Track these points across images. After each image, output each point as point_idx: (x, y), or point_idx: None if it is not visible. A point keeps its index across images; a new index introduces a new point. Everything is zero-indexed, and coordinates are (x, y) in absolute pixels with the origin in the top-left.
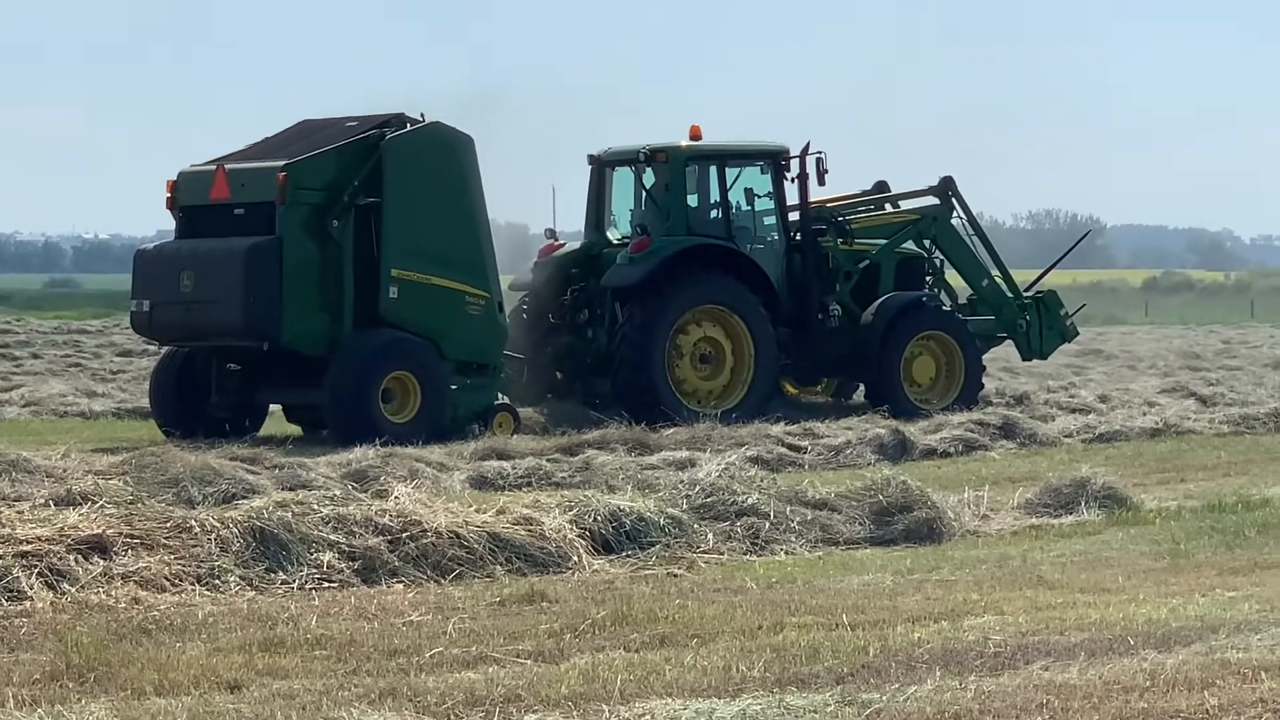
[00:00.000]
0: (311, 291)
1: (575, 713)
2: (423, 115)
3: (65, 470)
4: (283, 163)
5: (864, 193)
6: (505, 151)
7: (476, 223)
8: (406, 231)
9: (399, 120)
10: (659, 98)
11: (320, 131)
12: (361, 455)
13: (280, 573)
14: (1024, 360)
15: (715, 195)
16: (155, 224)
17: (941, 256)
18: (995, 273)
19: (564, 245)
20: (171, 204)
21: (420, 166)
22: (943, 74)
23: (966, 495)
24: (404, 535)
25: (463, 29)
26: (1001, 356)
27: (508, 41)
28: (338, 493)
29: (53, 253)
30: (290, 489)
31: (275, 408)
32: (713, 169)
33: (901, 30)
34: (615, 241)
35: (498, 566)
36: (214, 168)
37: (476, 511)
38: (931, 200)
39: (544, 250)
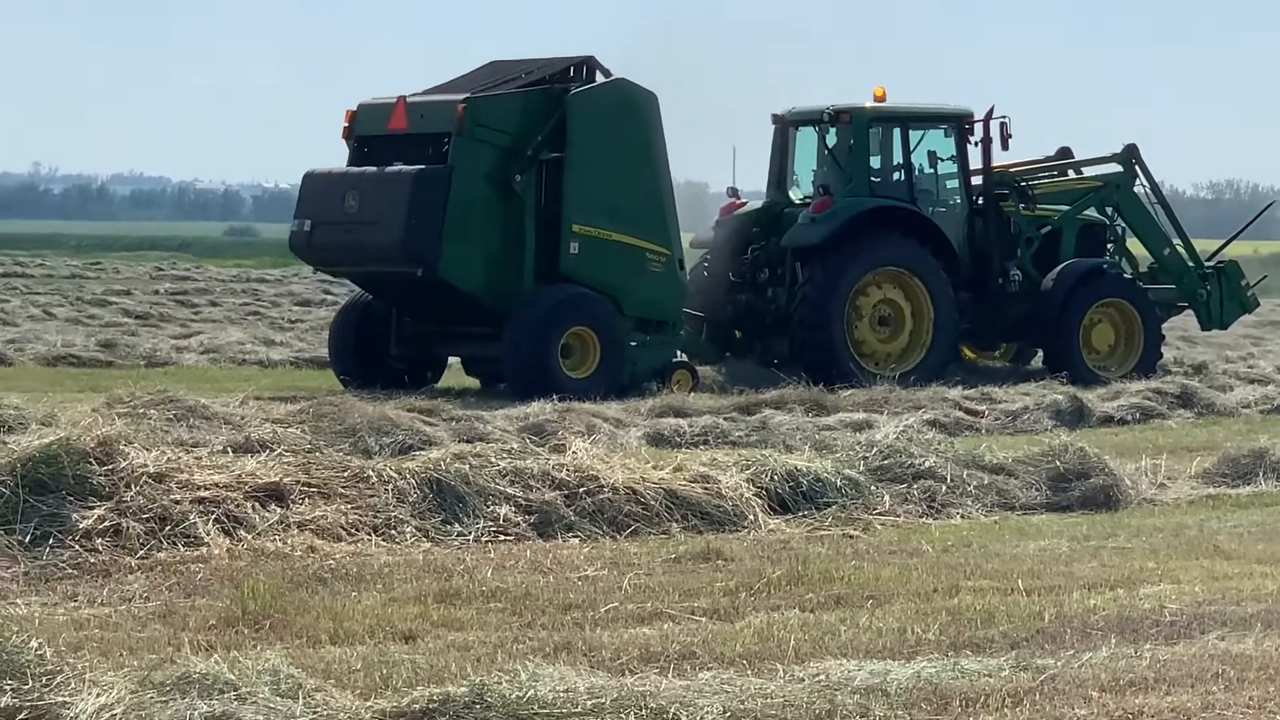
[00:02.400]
0: (477, 230)
1: (750, 671)
2: (606, 72)
3: (243, 418)
4: (463, 96)
5: (1047, 158)
6: (686, 109)
7: (659, 180)
8: (589, 187)
9: (588, 66)
10: (844, 57)
11: (506, 73)
12: (539, 409)
13: (456, 524)
14: (1203, 330)
15: (898, 157)
16: None
17: (1123, 224)
18: (1176, 242)
19: (745, 204)
20: (348, 134)
21: (605, 123)
22: (1128, 41)
23: (1144, 463)
24: (581, 490)
25: None
26: (1180, 326)
27: None
28: (515, 446)
29: (232, 201)
30: (468, 441)
31: (454, 360)
32: (896, 131)
33: None
34: (797, 201)
35: (674, 524)
36: (394, 99)
37: (653, 468)
38: (1114, 168)
39: (725, 209)
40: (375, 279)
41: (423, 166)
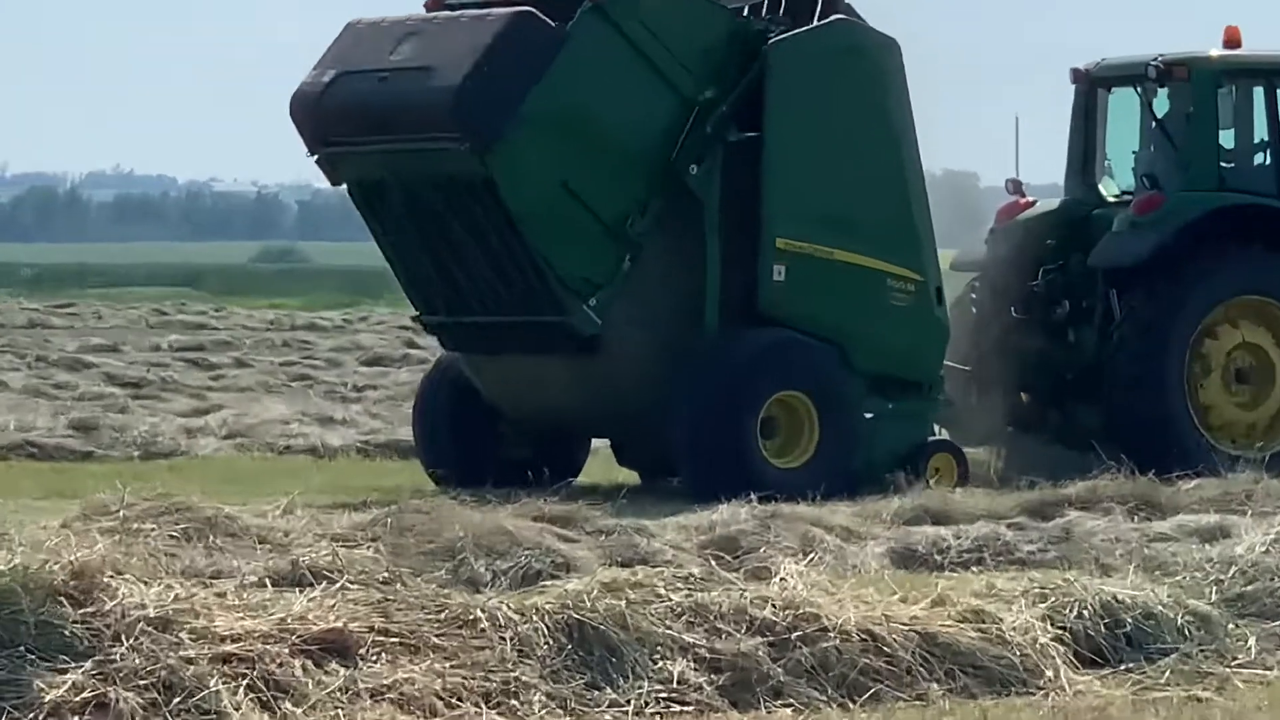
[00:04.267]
0: (575, 146)
1: None
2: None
3: (288, 534)
4: None
5: None
6: (941, 66)
7: (903, 171)
8: (800, 183)
9: None
10: None
11: None
12: (730, 515)
13: (609, 689)
14: None
15: (1263, 131)
16: None
17: None
18: None
19: (1034, 204)
20: (434, 3)
21: (822, 86)
22: None
23: None
24: (793, 635)
25: None
26: None
27: None
28: (695, 571)
29: (269, 209)
30: (624, 565)
31: (600, 442)
32: (1259, 91)
33: None
34: (1111, 199)
35: (934, 684)
36: None
37: (902, 602)
38: None
39: (1004, 211)
40: (402, 174)
41: (525, 11)
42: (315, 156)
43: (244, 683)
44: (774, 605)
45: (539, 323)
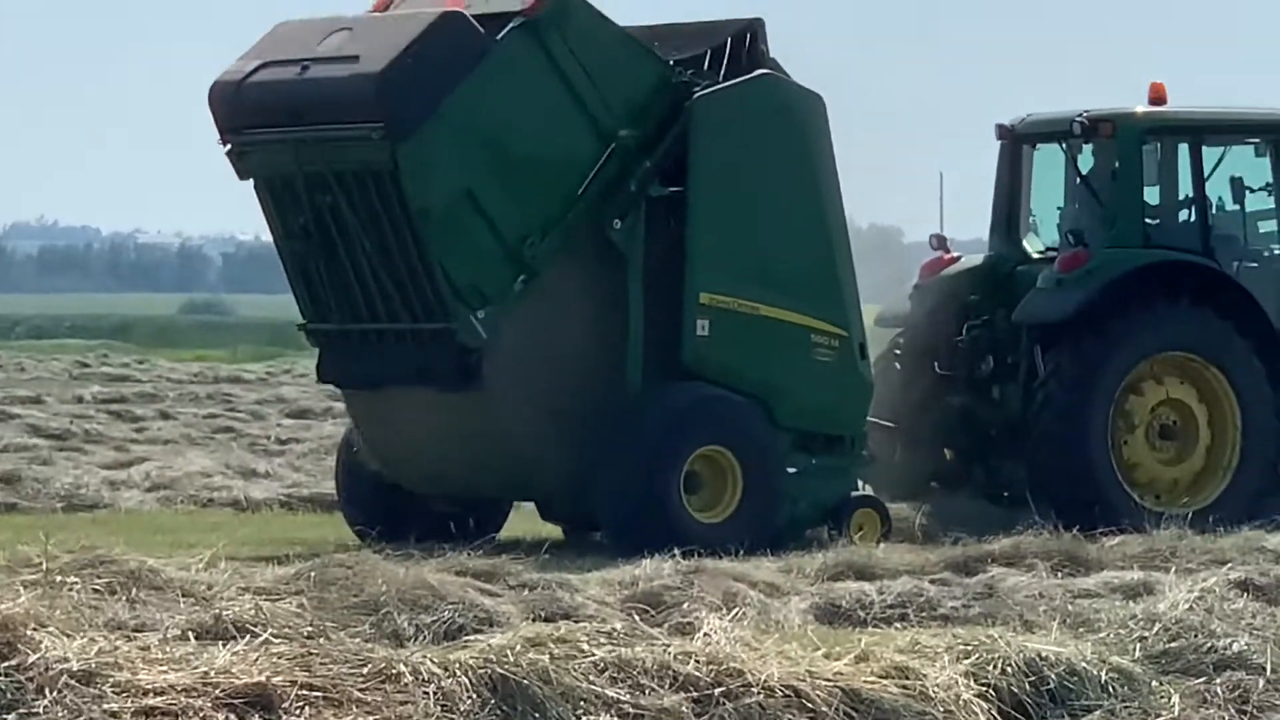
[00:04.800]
0: (491, 164)
1: None
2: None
3: (212, 587)
4: None
5: None
6: (863, 119)
7: (828, 226)
8: (724, 238)
9: (750, 34)
10: (1090, 50)
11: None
12: (654, 570)
13: None
14: None
15: (1187, 188)
16: None
17: None
18: None
19: (958, 259)
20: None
21: (747, 142)
22: None
23: None
24: (717, 691)
25: None
26: None
27: None
28: (619, 626)
29: (193, 261)
30: (547, 620)
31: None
32: (1184, 148)
33: None
34: (1035, 255)
35: None
36: None
37: (825, 658)
38: None
39: (928, 267)
40: (311, 165)
41: (455, 11)
42: (227, 147)
43: None
44: (697, 661)
45: (423, 333)
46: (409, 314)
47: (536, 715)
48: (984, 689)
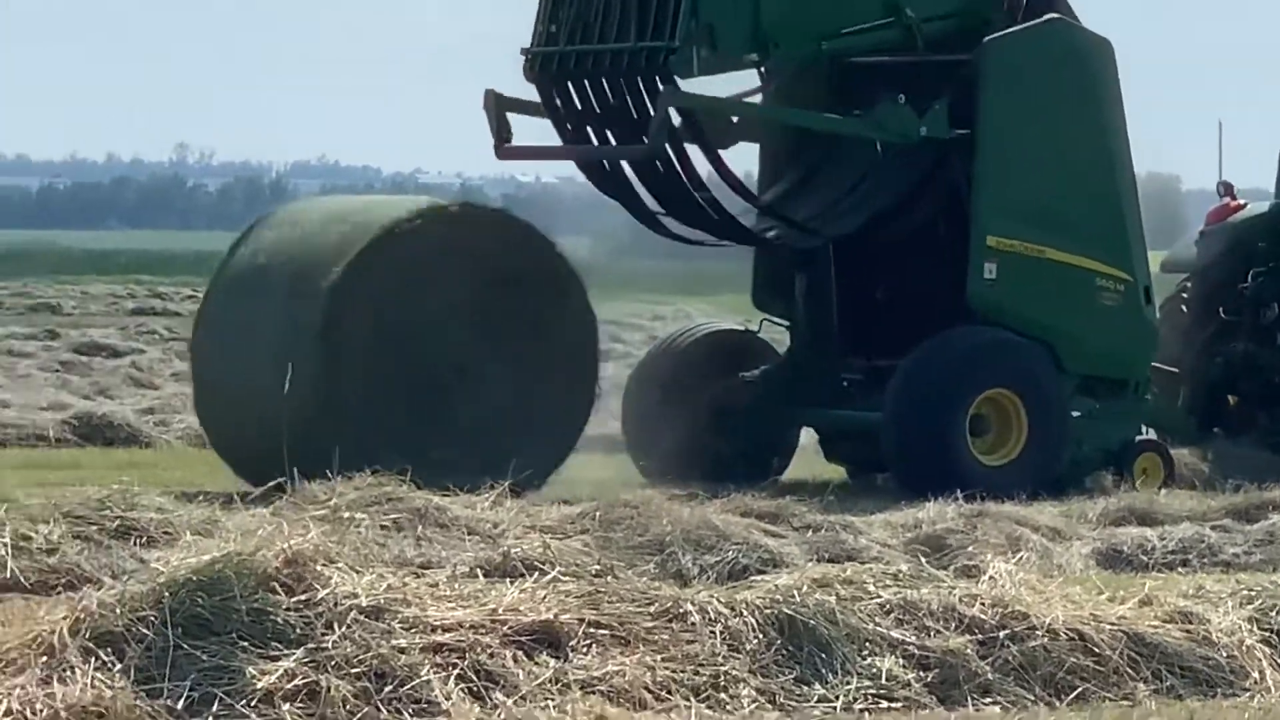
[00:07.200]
0: None
1: None
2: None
3: (498, 525)
4: None
5: None
6: (1145, 67)
7: (1114, 170)
8: (1011, 182)
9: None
10: None
11: None
12: (938, 513)
13: (817, 684)
14: None
15: None
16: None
17: None
18: None
19: (1245, 206)
20: None
21: (1036, 86)
22: None
23: None
24: (1001, 634)
25: None
26: None
27: None
28: (903, 569)
29: (472, 200)
30: (832, 562)
31: (808, 436)
32: None
33: None
34: None
35: (1140, 684)
36: None
37: (1109, 601)
38: None
39: (1214, 214)
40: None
41: None
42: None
43: (455, 672)
44: (982, 603)
45: None
46: None
47: (823, 655)
48: (1267, 634)
